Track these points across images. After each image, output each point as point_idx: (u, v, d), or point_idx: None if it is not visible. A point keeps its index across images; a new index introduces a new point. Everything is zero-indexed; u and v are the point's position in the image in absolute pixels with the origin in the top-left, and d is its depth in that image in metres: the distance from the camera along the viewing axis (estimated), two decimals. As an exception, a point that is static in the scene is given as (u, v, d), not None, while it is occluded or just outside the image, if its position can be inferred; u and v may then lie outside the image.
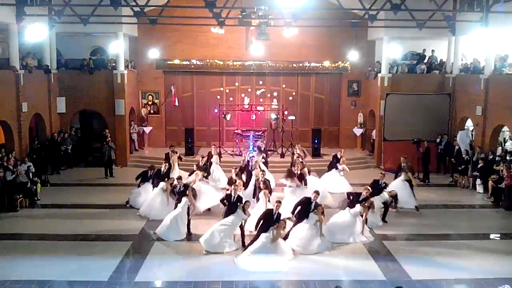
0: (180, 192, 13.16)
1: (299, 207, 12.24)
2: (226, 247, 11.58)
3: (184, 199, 12.62)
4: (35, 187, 15.82)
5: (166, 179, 14.55)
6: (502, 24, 17.12)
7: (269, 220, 11.36)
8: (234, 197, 12.36)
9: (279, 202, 11.88)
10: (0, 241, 12.32)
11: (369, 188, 13.36)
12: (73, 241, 12.36)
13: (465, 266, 11.02)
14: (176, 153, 17.16)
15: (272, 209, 11.69)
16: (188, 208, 12.68)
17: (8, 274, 10.30)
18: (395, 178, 15.99)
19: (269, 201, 13.11)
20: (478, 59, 20.02)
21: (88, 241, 12.34)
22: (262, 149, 18.18)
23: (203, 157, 17.07)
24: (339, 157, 17.31)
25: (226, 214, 12.12)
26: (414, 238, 12.86)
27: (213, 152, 17.42)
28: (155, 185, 14.78)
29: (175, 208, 12.82)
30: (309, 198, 12.29)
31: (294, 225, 12.08)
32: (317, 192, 12.41)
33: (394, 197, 14.35)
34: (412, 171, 16.19)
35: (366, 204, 12.57)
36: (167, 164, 15.57)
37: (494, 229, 13.78)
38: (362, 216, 12.61)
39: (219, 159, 17.15)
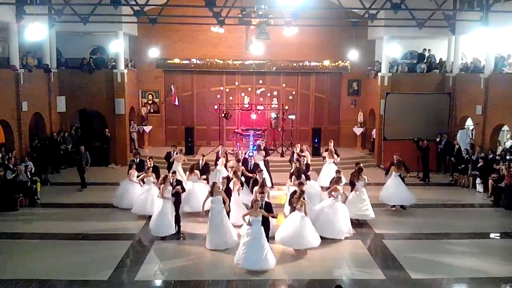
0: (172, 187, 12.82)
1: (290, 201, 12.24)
2: (228, 240, 11.64)
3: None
4: (35, 186, 15.83)
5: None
6: (502, 23, 17.12)
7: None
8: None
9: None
10: (0, 240, 12.34)
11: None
12: (73, 240, 12.37)
13: (465, 265, 11.02)
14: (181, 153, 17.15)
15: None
16: (177, 199, 12.62)
17: (8, 273, 10.32)
18: (387, 176, 15.50)
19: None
20: (478, 58, 20.03)
21: (88, 240, 12.34)
22: (262, 147, 17.97)
23: (203, 156, 16.46)
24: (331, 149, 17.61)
25: None
26: (414, 237, 12.85)
27: (220, 153, 16.97)
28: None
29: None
30: (294, 191, 12.20)
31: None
32: (300, 183, 12.37)
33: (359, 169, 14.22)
34: (403, 165, 15.40)
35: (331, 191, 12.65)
36: (151, 159, 15.41)
37: (494, 228, 13.77)
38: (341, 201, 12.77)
39: (225, 162, 16.25)
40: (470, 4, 19.28)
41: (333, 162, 17.29)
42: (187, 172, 14.80)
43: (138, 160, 16.01)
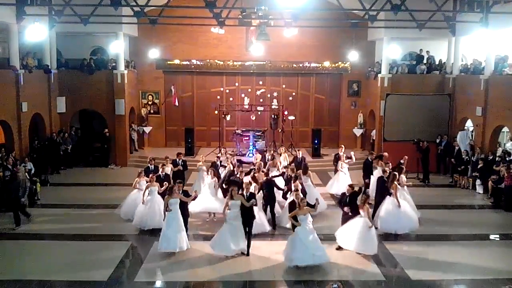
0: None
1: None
2: (234, 246, 11.26)
3: (171, 201, 11.30)
4: (34, 187, 15.81)
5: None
6: (502, 25, 17.13)
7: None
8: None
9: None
10: (0, 241, 12.34)
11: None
12: (73, 240, 12.37)
13: (465, 266, 11.02)
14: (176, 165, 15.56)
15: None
16: (184, 209, 11.92)
17: (8, 274, 10.32)
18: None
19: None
20: (478, 60, 20.03)
21: (87, 241, 12.34)
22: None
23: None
24: (341, 154, 17.17)
25: None
26: (414, 238, 12.83)
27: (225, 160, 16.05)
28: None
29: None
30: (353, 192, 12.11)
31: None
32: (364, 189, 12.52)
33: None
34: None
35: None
36: (163, 167, 14.40)
37: (494, 230, 13.75)
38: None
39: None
40: (470, 6, 19.27)
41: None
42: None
43: (153, 166, 14.75)
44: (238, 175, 13.85)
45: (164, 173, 14.10)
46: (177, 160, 15.73)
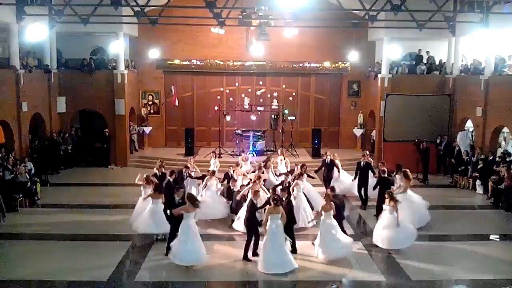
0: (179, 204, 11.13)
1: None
2: (287, 262, 10.66)
3: (186, 214, 10.63)
4: (34, 187, 15.81)
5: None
6: (502, 25, 17.15)
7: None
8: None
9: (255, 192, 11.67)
10: (0, 240, 12.33)
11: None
12: (73, 241, 12.37)
13: (465, 267, 11.01)
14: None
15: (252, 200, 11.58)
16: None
17: (8, 274, 10.31)
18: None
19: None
20: (478, 60, 20.02)
21: (87, 241, 12.34)
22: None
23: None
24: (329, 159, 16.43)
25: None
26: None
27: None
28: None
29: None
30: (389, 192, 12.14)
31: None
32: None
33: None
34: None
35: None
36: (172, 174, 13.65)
37: (494, 230, 13.75)
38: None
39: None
40: (471, 6, 19.26)
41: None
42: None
43: (160, 173, 14.00)
44: (235, 189, 13.58)
45: (167, 179, 13.49)
46: (183, 172, 14.76)
